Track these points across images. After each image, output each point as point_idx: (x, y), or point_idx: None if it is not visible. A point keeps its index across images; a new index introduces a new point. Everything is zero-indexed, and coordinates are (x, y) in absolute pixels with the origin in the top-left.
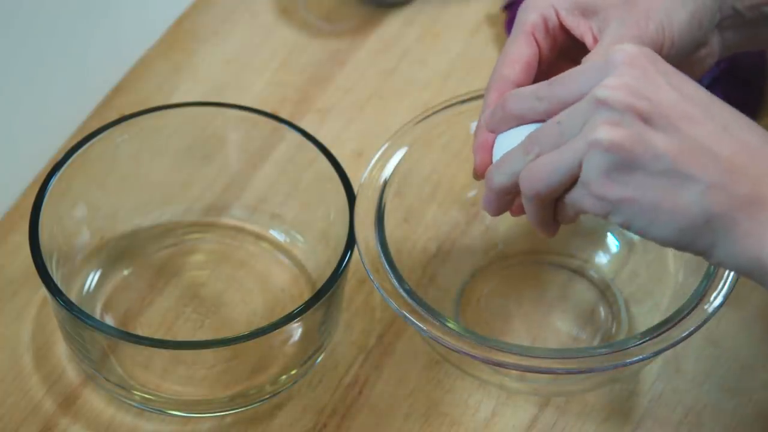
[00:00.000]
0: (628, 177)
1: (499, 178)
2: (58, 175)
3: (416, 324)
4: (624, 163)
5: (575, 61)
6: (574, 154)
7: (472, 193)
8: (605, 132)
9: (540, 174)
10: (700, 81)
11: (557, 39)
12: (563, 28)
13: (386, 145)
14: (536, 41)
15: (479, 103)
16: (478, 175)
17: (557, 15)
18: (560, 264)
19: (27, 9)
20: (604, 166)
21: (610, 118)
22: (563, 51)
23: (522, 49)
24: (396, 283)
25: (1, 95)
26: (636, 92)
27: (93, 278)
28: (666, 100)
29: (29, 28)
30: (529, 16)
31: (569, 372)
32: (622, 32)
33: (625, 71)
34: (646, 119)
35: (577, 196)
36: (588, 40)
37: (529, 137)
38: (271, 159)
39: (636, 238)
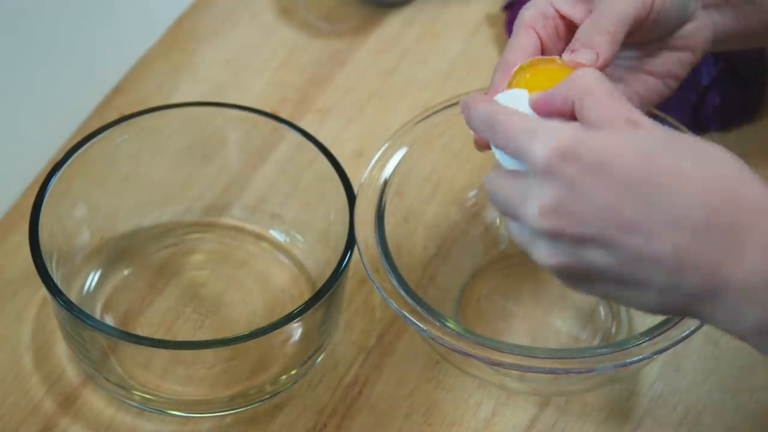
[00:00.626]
0: (586, 284)
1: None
2: (58, 175)
3: (416, 324)
4: (577, 277)
5: None
6: (534, 256)
7: (472, 193)
8: (545, 259)
9: (517, 239)
10: (698, 72)
11: (559, 31)
12: (564, 20)
13: (386, 145)
14: (536, 33)
15: None
16: (480, 146)
17: (555, 10)
18: None
19: (28, 9)
20: (561, 279)
21: (545, 246)
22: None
23: (523, 40)
24: (396, 283)
25: (2, 95)
26: (561, 214)
27: (93, 278)
28: (595, 213)
29: (30, 29)
30: (526, 13)
31: (569, 372)
32: None
33: (546, 187)
34: (579, 240)
35: None
36: None
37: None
38: (271, 159)
39: None
